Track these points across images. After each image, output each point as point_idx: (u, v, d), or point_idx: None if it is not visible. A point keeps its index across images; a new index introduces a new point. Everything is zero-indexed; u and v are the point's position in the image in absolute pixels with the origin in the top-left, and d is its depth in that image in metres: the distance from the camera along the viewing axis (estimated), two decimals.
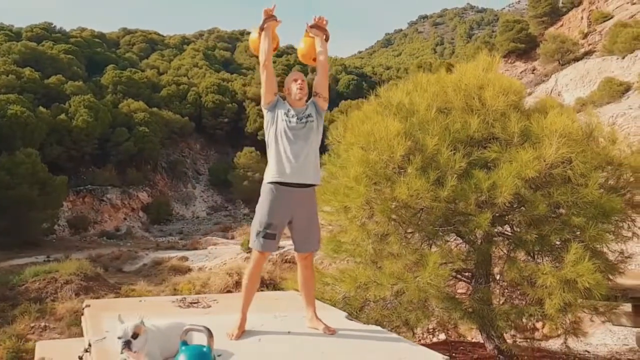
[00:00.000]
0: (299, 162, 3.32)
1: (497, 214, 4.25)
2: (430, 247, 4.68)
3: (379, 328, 3.72)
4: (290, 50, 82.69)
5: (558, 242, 4.31)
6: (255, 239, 3.34)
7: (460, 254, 4.50)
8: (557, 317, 4.10)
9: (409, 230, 4.58)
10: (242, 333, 3.37)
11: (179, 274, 26.06)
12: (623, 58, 30.24)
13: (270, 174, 3.38)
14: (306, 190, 3.38)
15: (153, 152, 45.33)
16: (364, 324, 3.83)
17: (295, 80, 3.45)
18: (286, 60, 67.28)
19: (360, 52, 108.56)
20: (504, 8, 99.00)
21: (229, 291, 19.88)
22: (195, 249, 33.47)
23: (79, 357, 3.77)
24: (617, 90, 27.22)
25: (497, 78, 4.73)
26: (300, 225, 3.42)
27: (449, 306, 4.44)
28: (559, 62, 33.90)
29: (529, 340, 4.85)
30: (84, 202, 40.45)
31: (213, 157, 55.92)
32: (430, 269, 4.05)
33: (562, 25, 39.86)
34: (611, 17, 35.05)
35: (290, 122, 3.38)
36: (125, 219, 42.53)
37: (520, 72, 37.33)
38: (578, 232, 4.19)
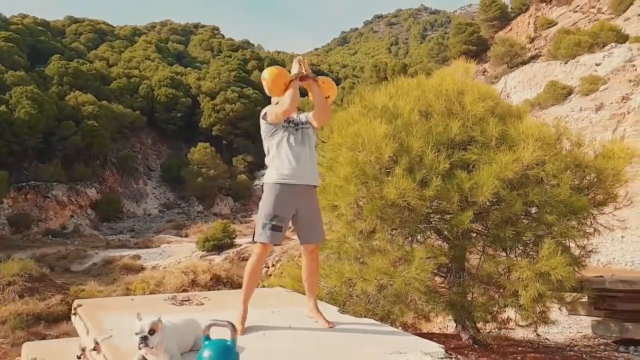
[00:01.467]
0: (300, 164, 3.49)
1: (476, 212, 4.55)
2: (412, 244, 4.94)
3: (372, 321, 3.92)
4: (246, 45, 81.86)
5: (532, 238, 4.66)
6: (262, 231, 3.47)
7: (441, 249, 4.77)
8: (531, 308, 4.45)
9: (394, 228, 4.81)
10: (246, 328, 3.47)
11: (131, 273, 25.43)
12: (566, 63, 31.97)
13: (272, 176, 3.53)
14: (308, 186, 3.55)
15: (102, 146, 43.82)
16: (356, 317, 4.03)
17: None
18: (242, 55, 66.67)
19: (316, 50, 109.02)
20: (455, 10, 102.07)
21: (184, 290, 19.63)
22: (148, 247, 32.73)
23: (77, 356, 3.77)
24: (560, 93, 28.77)
25: (475, 84, 5.04)
26: (305, 218, 3.58)
27: (431, 299, 4.71)
28: (508, 65, 35.41)
29: (502, 330, 5.20)
30: (26, 199, 38.63)
31: (165, 152, 54.67)
32: (416, 264, 4.30)
33: (511, 30, 41.62)
34: (555, 24, 36.93)
35: (289, 129, 3.53)
36: (72, 216, 40.94)
37: (472, 74, 38.61)
38: (550, 229, 4.56)
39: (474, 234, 5.02)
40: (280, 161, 3.50)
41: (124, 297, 5.63)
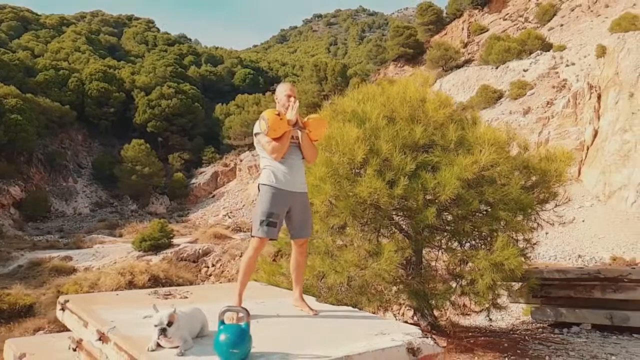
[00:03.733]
0: (292, 174, 3.80)
1: (438, 209, 4.99)
2: (378, 239, 5.32)
3: (349, 308, 4.25)
4: (183, 39, 79.85)
5: (487, 233, 5.18)
6: (260, 227, 3.73)
7: (407, 243, 5.19)
8: (486, 295, 4.96)
9: (363, 223, 5.17)
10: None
11: (62, 274, 24.29)
12: (497, 68, 33.93)
13: (269, 180, 3.81)
14: (299, 192, 3.85)
15: (27, 142, 41.24)
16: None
17: (289, 97, 3.84)
18: (178, 50, 65.08)
19: (255, 46, 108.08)
20: (393, 13, 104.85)
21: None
22: (80, 248, 31.33)
23: (72, 349, 3.84)
24: (491, 97, 30.53)
25: (435, 93, 5.51)
26: (297, 216, 3.86)
27: (398, 289, 5.11)
28: (443, 68, 37.01)
29: (454, 317, 5.71)
30: None
31: (97, 149, 52.31)
32: (386, 256, 4.69)
33: (446, 34, 43.45)
34: (487, 30, 39.01)
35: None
36: None
37: (408, 76, 39.98)
38: (502, 224, 5.09)
39: (432, 230, 5.48)
40: (276, 169, 3.80)
41: (109, 293, 5.69)
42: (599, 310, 6.52)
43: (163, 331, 2.86)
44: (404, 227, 5.45)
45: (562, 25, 36.04)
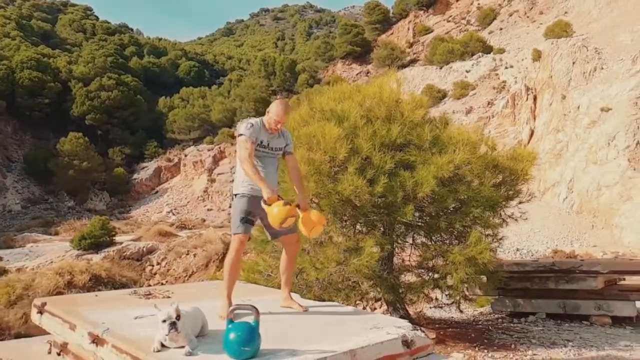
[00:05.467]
0: (268, 181, 3.79)
1: (415, 206, 5.18)
2: (354, 235, 5.45)
3: (336, 303, 4.35)
4: (124, 29, 76.78)
5: (460, 228, 5.43)
6: (240, 224, 3.77)
7: (386, 240, 5.35)
8: (460, 288, 5.21)
9: (344, 220, 5.28)
10: None
11: None
12: (441, 68, 35.08)
13: (245, 189, 3.83)
14: None
15: None
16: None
17: (278, 122, 3.80)
18: (119, 40, 62.59)
19: (200, 39, 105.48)
20: (340, 10, 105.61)
21: (59, 293, 18.35)
22: (11, 247, 29.55)
23: (57, 353, 3.70)
24: (436, 96, 31.53)
25: (409, 95, 5.69)
26: None
27: (375, 283, 5.27)
28: (389, 67, 37.78)
29: (431, 309, 5.95)
30: None
31: (29, 142, 49.35)
32: (367, 251, 4.82)
33: (392, 34, 44.40)
34: (432, 31, 40.21)
35: (264, 151, 3.86)
36: None
37: (356, 74, 40.66)
38: (475, 220, 5.36)
39: (407, 226, 5.68)
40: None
41: (87, 294, 5.46)
42: (553, 300, 6.99)
43: (173, 325, 2.84)
44: (378, 224, 5.60)
45: (501, 29, 37.76)
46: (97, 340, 3.18)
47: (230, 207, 4.27)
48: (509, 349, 5.52)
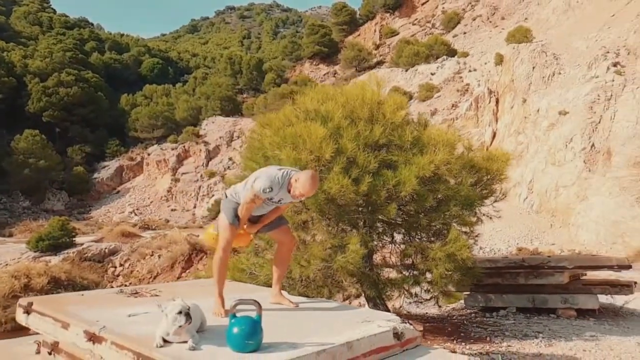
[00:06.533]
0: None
1: (397, 205, 5.35)
2: (339, 233, 5.57)
3: (323, 299, 4.45)
4: (83, 23, 74.51)
5: (439, 226, 5.64)
6: (234, 217, 3.79)
7: (370, 237, 5.50)
8: (441, 283, 5.41)
9: (328, 219, 5.39)
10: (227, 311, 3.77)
11: None
12: (406, 71, 35.69)
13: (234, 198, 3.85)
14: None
15: None
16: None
17: (303, 196, 3.64)
18: (78, 34, 60.74)
19: (164, 35, 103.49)
20: (306, 10, 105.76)
21: (16, 297, 17.80)
22: None
23: (48, 352, 3.66)
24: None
25: (390, 96, 5.86)
26: (271, 215, 3.95)
27: (358, 280, 5.41)
28: (357, 69, 38.22)
29: (410, 304, 6.13)
30: None
31: None
32: (352, 248, 4.96)
33: (359, 35, 44.84)
34: (397, 33, 40.85)
35: (268, 204, 3.82)
36: None
37: (324, 75, 40.89)
38: (454, 218, 5.57)
39: (388, 224, 5.85)
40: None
41: (72, 294, 5.34)
42: (523, 294, 7.32)
43: (187, 316, 2.90)
44: (359, 222, 5.74)
45: (465, 33, 38.74)
46: (93, 338, 3.18)
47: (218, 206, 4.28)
48: (485, 341, 5.77)
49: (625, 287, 7.26)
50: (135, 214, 41.09)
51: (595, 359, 5.23)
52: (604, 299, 7.53)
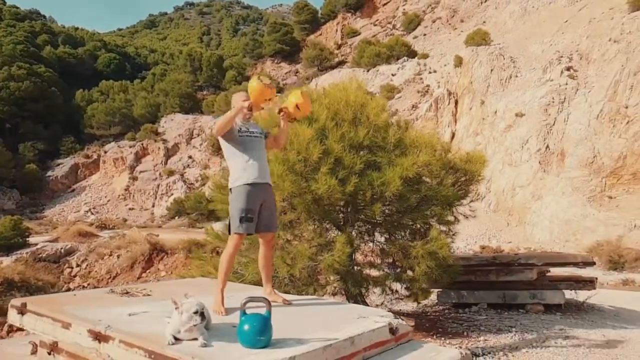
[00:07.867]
0: (261, 165, 3.98)
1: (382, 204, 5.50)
2: (324, 232, 5.68)
3: (315, 297, 4.52)
4: (35, 15, 71.52)
5: (421, 225, 5.83)
6: (239, 224, 3.86)
7: (353, 237, 5.63)
8: (423, 280, 5.60)
9: (315, 219, 5.48)
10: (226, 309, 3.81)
11: None
12: (368, 71, 36.13)
13: (241, 179, 3.93)
14: (268, 184, 4.05)
15: None
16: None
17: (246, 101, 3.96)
18: (30, 27, 58.31)
19: (120, 30, 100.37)
20: (267, 8, 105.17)
21: None
22: None
23: (47, 352, 3.59)
24: None
25: (373, 99, 6.01)
26: (266, 210, 4.04)
27: (342, 277, 5.53)
28: (318, 68, 38.36)
29: (391, 302, 6.30)
30: None
31: None
32: (338, 249, 5.07)
33: (321, 34, 45.01)
34: (359, 34, 41.26)
35: (246, 136, 4.00)
36: None
37: (285, 73, 40.82)
38: (435, 217, 5.78)
39: (369, 224, 6.00)
40: (245, 164, 3.95)
41: (64, 294, 5.21)
42: (494, 291, 7.63)
43: (202, 315, 2.94)
44: (343, 221, 5.86)
45: (425, 34, 39.56)
46: (99, 337, 3.15)
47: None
48: (462, 336, 6.00)
49: (588, 283, 7.69)
50: (92, 213, 39.89)
51: (567, 350, 5.54)
52: (567, 294, 7.95)
